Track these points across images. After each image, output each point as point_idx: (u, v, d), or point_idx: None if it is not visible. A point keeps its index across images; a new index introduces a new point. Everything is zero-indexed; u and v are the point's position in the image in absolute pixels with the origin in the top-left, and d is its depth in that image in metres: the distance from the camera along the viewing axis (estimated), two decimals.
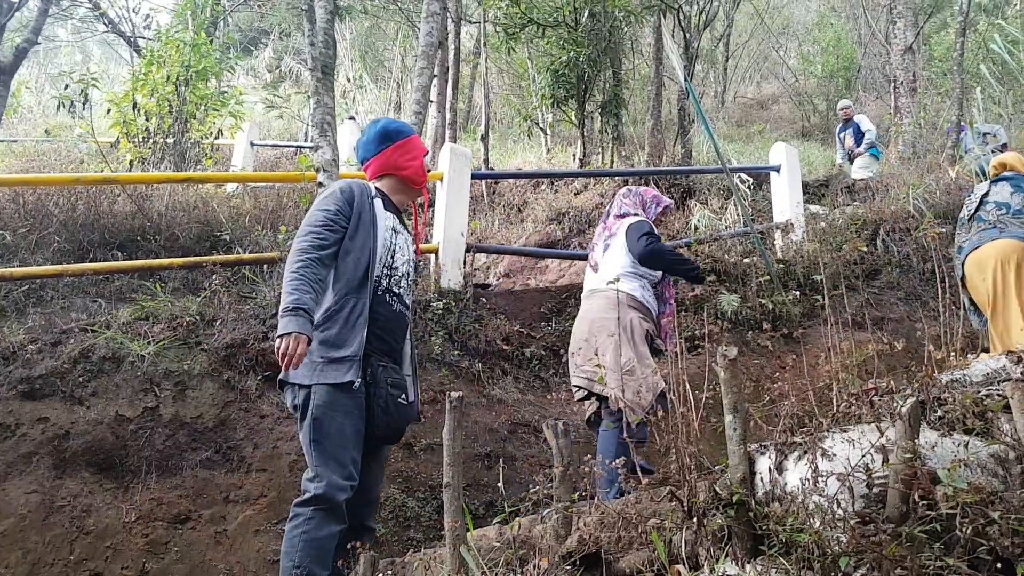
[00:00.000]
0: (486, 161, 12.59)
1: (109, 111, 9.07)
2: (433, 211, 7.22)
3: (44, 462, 4.44)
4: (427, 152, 3.86)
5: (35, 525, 4.20)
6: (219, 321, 5.43)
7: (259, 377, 5.18)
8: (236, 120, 10.77)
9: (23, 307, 6.25)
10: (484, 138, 12.64)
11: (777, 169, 9.25)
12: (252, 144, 12.26)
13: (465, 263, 7.04)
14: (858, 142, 12.49)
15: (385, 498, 4.82)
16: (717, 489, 2.57)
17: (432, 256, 7.03)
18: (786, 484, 2.60)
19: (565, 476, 2.65)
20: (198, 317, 5.40)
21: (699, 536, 2.42)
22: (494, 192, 12.44)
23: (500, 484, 3.50)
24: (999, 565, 2.33)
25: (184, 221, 7.58)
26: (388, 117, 5.01)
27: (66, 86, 9.01)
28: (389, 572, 2.90)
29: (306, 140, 15.05)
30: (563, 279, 9.55)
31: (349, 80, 19.13)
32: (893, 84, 14.46)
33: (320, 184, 6.05)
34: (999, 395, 2.96)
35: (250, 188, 9.17)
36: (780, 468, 2.65)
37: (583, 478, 2.95)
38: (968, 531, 2.32)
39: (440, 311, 6.39)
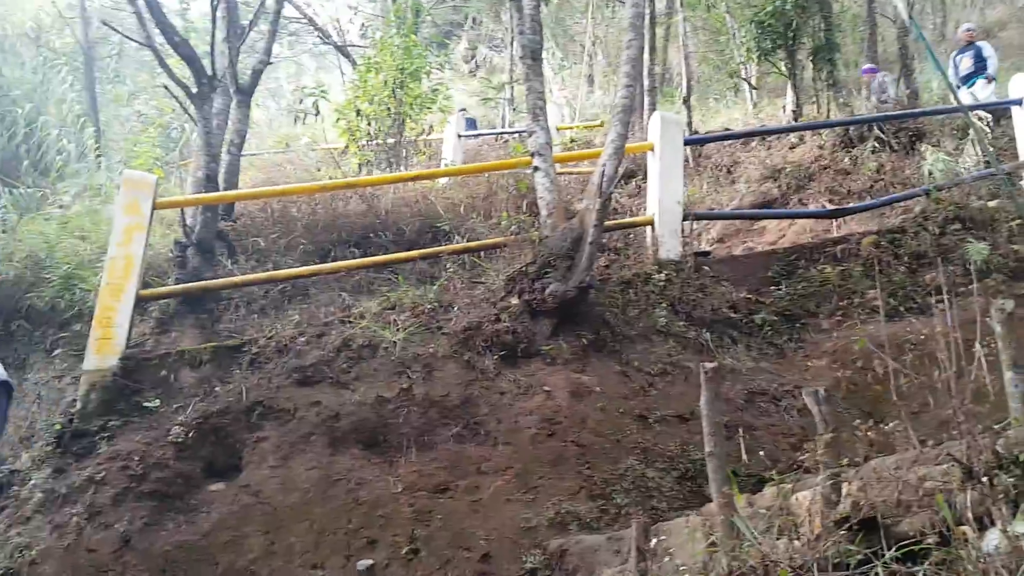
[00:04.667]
0: (689, 124, 12.30)
1: (337, 120, 9.85)
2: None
3: (320, 441, 4.96)
4: None
5: (317, 498, 4.68)
6: (455, 306, 5.77)
7: (495, 356, 5.45)
8: (444, 115, 11.29)
9: (280, 304, 7.01)
10: (686, 101, 12.36)
11: (1019, 102, 8.32)
12: (459, 136, 12.79)
13: (683, 232, 6.96)
14: (978, 68, 10.91)
15: (625, 469, 4.89)
16: (999, 448, 2.41)
17: (648, 228, 7.02)
18: None
19: (831, 442, 2.59)
20: (436, 303, 5.78)
21: (986, 496, 2.28)
22: (699, 155, 12.12)
23: (743, 454, 3.46)
24: None
25: (407, 216, 8.11)
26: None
27: (300, 100, 9.88)
28: (662, 538, 2.97)
29: (505, 125, 15.54)
30: (784, 239, 9.15)
31: (545, 61, 19.38)
32: None
33: (536, 168, 6.21)
34: None
35: (461, 179, 9.59)
36: None
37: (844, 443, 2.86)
38: None
39: (661, 283, 6.38)
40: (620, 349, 5.84)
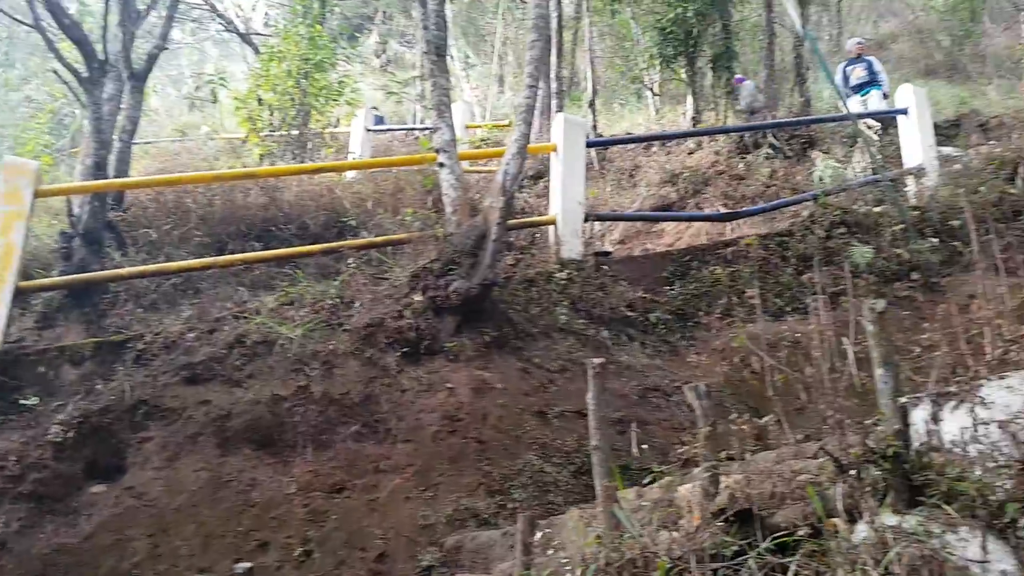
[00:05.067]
0: (594, 127, 12.51)
1: (237, 108, 9.57)
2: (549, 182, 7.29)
3: (210, 441, 4.82)
4: None
5: (205, 500, 4.55)
6: (357, 302, 5.70)
7: (398, 354, 5.41)
8: (352, 108, 11.13)
9: (173, 299, 6.77)
10: (591, 104, 12.56)
11: (905, 112, 8.81)
12: (367, 130, 12.63)
13: (584, 232, 7.07)
14: (872, 79, 11.60)
15: (523, 465, 4.96)
16: (870, 443, 2.55)
17: (551, 227, 7.10)
18: (943, 435, 2.55)
19: (710, 436, 2.69)
20: (338, 299, 5.69)
21: (855, 489, 2.41)
22: (603, 158, 12.35)
23: (634, 448, 3.56)
24: None
25: (312, 209, 7.96)
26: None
27: (197, 87, 9.56)
28: (547, 531, 3.02)
29: (415, 122, 15.47)
30: (681, 242, 9.43)
31: (452, 58, 19.35)
32: (1023, 12, 13.36)
33: (441, 165, 6.20)
34: None
35: (368, 173, 9.48)
36: (936, 419, 2.60)
37: (726, 438, 2.98)
38: None
39: (563, 281, 6.47)
40: (522, 346, 5.90)
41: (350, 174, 9.86)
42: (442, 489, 4.70)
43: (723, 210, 9.22)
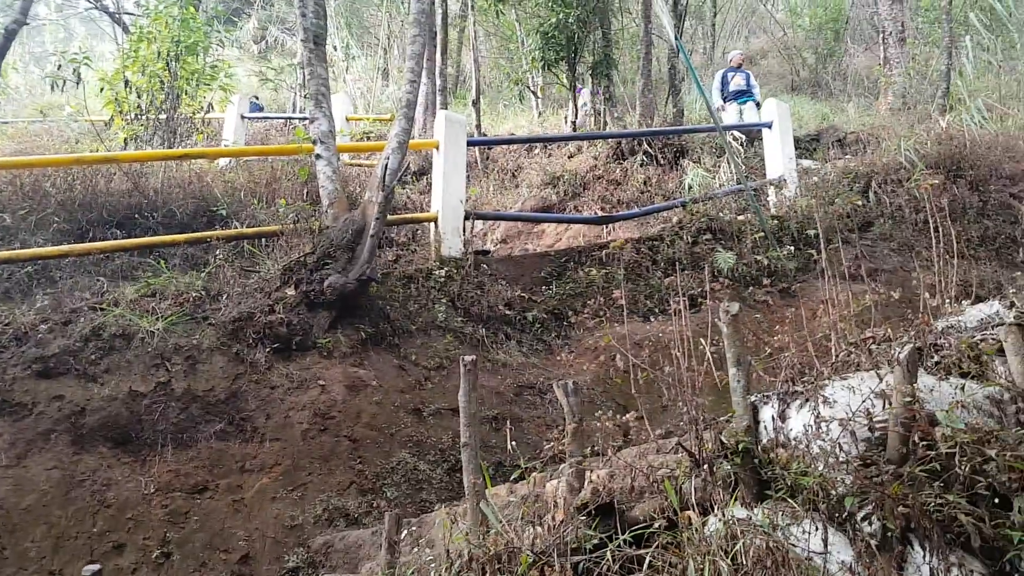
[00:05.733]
0: (478, 127, 12.56)
1: (102, 89, 9.03)
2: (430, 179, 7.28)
3: (62, 439, 4.54)
4: None
5: (57, 500, 4.30)
6: (225, 295, 5.50)
7: (267, 349, 5.27)
8: (226, 93, 10.72)
9: (28, 288, 6.32)
10: (475, 103, 12.60)
11: (769, 125, 9.30)
12: (243, 117, 12.21)
13: (465, 230, 7.10)
14: (750, 88, 12.36)
15: (397, 463, 4.94)
16: (723, 439, 2.69)
17: (431, 224, 7.09)
18: (789, 431, 2.71)
19: (577, 432, 2.76)
20: (203, 292, 5.47)
21: (708, 483, 2.53)
22: (487, 158, 12.44)
23: (509, 444, 3.61)
24: (996, 500, 2.46)
25: (180, 197, 7.62)
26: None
27: (59, 66, 8.96)
28: (413, 529, 3.01)
29: (295, 111, 15.06)
30: (560, 243, 9.61)
31: (335, 49, 18.96)
32: (882, 35, 14.41)
33: (318, 156, 6.08)
34: (993, 339, 3.07)
35: (243, 162, 9.17)
36: (783, 416, 2.76)
37: (593, 434, 3.06)
38: (967, 469, 2.45)
39: (442, 279, 6.48)
40: (399, 343, 5.88)
41: (222, 162, 9.51)
42: (311, 489, 4.63)
43: (600, 213, 9.47)
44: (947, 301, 3.67)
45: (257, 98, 14.86)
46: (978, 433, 2.56)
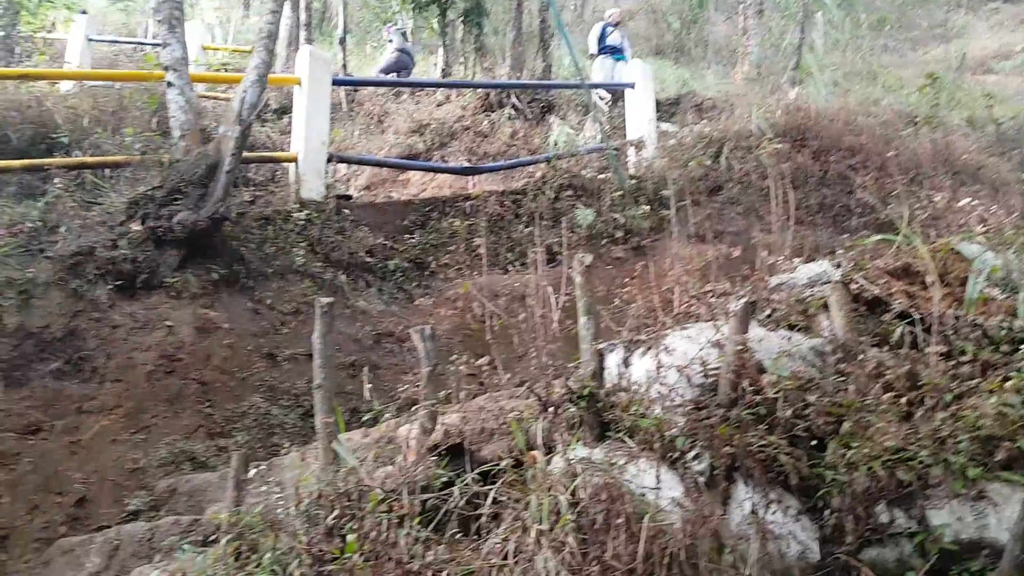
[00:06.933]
0: (344, 67, 12.20)
1: None
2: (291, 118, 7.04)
3: None
4: None
5: None
6: (64, 228, 5.16)
7: (109, 287, 5.02)
8: (71, 13, 9.91)
9: None
10: (342, 42, 12.21)
11: (632, 86, 9.54)
12: (89, 39, 11.27)
13: (327, 173, 6.93)
14: (623, 48, 12.70)
15: (248, 407, 4.86)
16: (570, 383, 2.82)
17: (291, 165, 6.88)
18: (632, 377, 2.88)
19: (431, 376, 2.81)
20: (41, 223, 5.12)
21: (554, 425, 2.65)
22: (353, 101, 12.11)
23: (365, 391, 3.61)
24: (814, 442, 2.72)
25: (17, 121, 7.07)
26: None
27: None
28: (263, 469, 2.99)
29: (147, 36, 14.06)
30: (425, 192, 9.56)
31: None
32: (741, 5, 15.01)
33: (169, 84, 5.74)
34: (820, 296, 3.37)
35: (88, 87, 8.53)
36: (627, 363, 2.93)
37: (448, 379, 3.13)
38: (788, 413, 2.69)
39: (302, 222, 6.34)
40: (254, 286, 5.72)
41: (65, 86, 8.81)
42: (156, 432, 4.49)
43: (466, 164, 9.47)
44: (782, 260, 3.97)
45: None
46: (800, 381, 2.81)
